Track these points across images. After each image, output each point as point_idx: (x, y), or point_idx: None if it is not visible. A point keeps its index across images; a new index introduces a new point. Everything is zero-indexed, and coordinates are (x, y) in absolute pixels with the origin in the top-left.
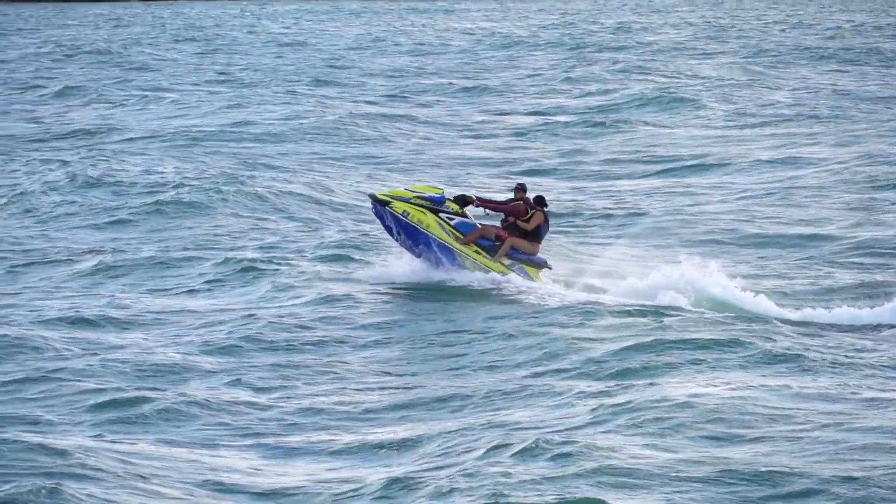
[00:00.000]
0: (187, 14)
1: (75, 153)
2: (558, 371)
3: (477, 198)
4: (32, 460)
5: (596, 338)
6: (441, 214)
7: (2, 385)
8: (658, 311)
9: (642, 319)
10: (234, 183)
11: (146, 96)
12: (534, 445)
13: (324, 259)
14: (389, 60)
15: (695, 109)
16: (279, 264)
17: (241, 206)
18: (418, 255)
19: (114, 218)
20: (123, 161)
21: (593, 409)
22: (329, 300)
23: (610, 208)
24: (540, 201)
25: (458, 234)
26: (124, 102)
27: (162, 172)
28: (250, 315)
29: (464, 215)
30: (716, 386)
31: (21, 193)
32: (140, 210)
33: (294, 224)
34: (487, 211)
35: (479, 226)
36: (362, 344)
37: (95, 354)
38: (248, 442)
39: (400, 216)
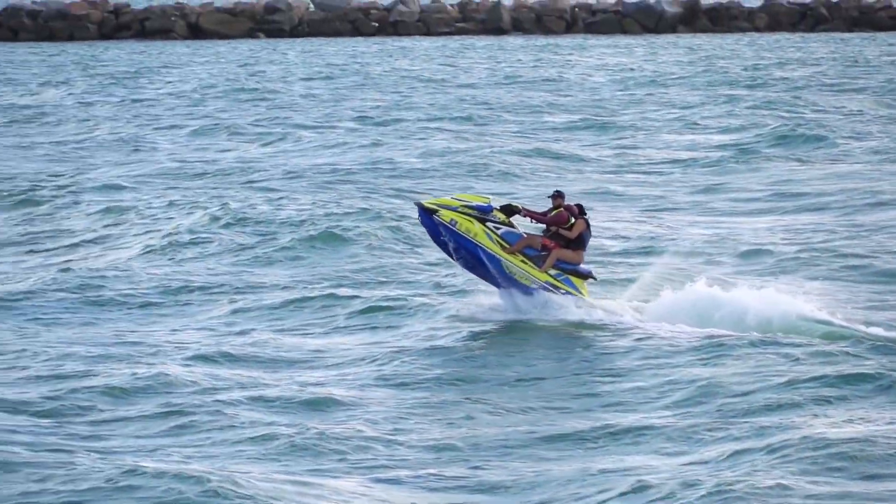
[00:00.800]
0: (318, 50)
1: (215, 191)
2: (683, 408)
3: (523, 208)
4: (179, 492)
5: (717, 373)
6: (488, 224)
7: (143, 419)
8: (772, 342)
9: (758, 350)
10: (377, 219)
11: (286, 133)
12: (671, 487)
13: (464, 293)
14: (524, 96)
15: (829, 146)
16: (421, 301)
17: (383, 242)
18: (471, 269)
19: (254, 255)
20: (264, 198)
21: (734, 449)
22: (471, 337)
23: (741, 244)
24: (580, 209)
25: (504, 243)
26: (263, 139)
27: (302, 209)
28: (393, 351)
29: (510, 225)
30: (854, 421)
31: (161, 231)
32: (281, 247)
33: (435, 259)
34: (532, 221)
35: (525, 235)
36: (496, 381)
37: (239, 390)
38: (384, 475)
39: (448, 224)
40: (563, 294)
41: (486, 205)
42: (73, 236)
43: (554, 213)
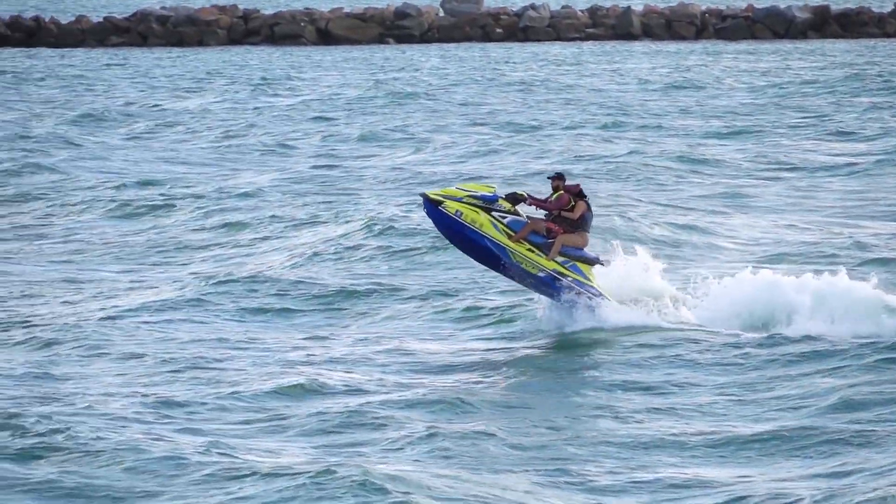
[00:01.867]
0: (450, 56)
1: (363, 198)
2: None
3: (528, 196)
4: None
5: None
6: (493, 213)
7: (327, 418)
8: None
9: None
10: None
11: (431, 138)
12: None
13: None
14: (661, 101)
15: None
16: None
17: None
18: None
19: (401, 261)
20: (411, 204)
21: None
22: (602, 343)
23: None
24: (580, 191)
25: (510, 231)
26: (408, 145)
27: None
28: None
29: (516, 213)
30: None
31: (323, 237)
32: (425, 252)
33: None
34: (537, 208)
35: (528, 220)
36: (624, 387)
37: (386, 393)
38: (556, 475)
39: (453, 216)
40: (590, 293)
41: (491, 194)
42: (216, 244)
43: (555, 196)
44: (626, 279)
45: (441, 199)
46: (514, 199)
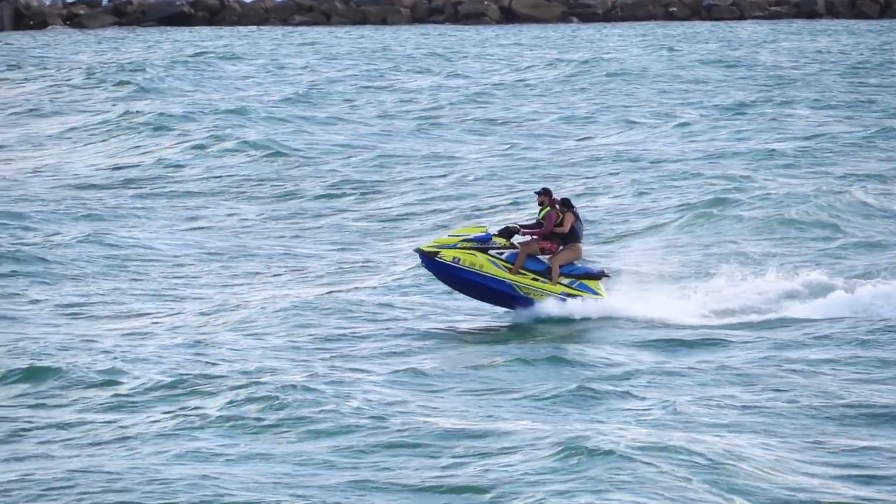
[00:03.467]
0: (645, 34)
1: (599, 176)
2: None
3: (520, 227)
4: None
5: None
6: (491, 252)
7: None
8: None
9: None
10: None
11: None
12: None
13: None
14: (870, 83)
15: None
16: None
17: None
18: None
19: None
20: (648, 185)
21: None
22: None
23: None
24: (566, 203)
25: (511, 265)
26: (644, 125)
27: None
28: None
29: (513, 247)
30: None
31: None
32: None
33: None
34: (532, 237)
35: (519, 246)
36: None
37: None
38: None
39: (451, 264)
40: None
41: (484, 234)
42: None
43: (542, 214)
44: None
45: (436, 249)
46: (508, 233)
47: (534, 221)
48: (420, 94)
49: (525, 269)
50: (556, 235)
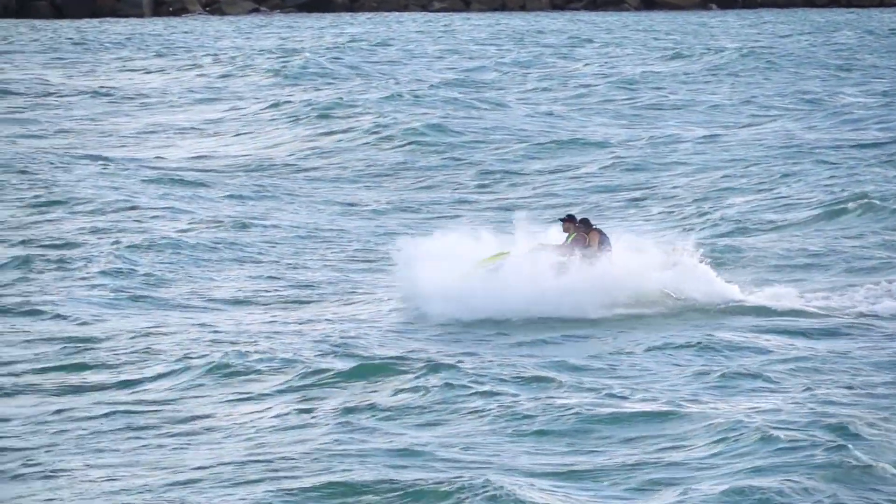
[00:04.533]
0: (792, 21)
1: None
2: None
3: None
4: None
5: None
6: None
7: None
8: None
9: None
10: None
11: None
12: None
13: None
14: None
15: None
16: None
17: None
18: None
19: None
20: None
21: None
22: None
23: None
24: (586, 223)
25: None
26: (799, 111)
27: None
28: None
29: None
30: None
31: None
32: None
33: None
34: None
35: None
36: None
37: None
38: None
39: None
40: None
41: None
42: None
43: (571, 238)
44: None
45: None
46: None
47: (561, 244)
48: (572, 79)
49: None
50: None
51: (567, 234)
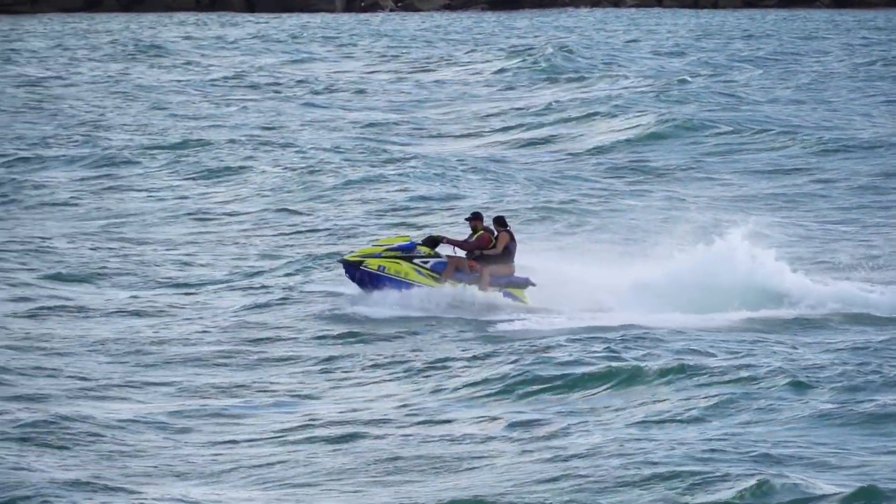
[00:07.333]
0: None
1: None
2: None
3: (445, 237)
4: None
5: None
6: (415, 260)
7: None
8: None
9: None
10: None
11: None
12: None
13: None
14: None
15: None
16: None
17: None
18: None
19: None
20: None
21: None
22: None
23: None
24: (500, 221)
25: (435, 274)
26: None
27: None
28: None
29: (437, 255)
30: None
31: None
32: None
33: None
34: (456, 249)
35: (448, 258)
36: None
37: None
38: None
39: (376, 272)
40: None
41: (408, 243)
42: None
43: (475, 236)
44: None
45: (360, 259)
46: (433, 241)
47: (464, 238)
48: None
49: (451, 278)
50: (488, 257)
51: (472, 232)
